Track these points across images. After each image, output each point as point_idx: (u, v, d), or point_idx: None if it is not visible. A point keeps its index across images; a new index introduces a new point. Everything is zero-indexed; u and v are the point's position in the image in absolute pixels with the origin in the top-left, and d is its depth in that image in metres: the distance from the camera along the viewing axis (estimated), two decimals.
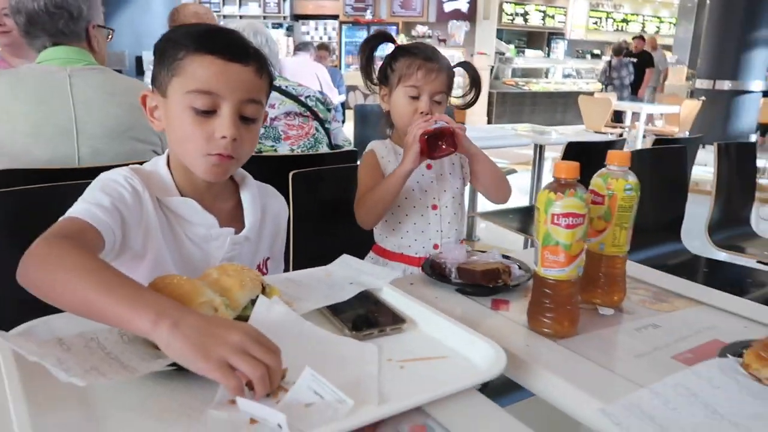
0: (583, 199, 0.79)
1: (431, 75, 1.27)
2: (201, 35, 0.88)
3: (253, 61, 0.89)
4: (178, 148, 0.92)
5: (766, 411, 0.63)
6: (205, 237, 0.93)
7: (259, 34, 2.00)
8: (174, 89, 0.88)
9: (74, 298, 0.65)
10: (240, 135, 0.88)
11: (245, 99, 0.88)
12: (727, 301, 0.95)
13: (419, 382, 0.67)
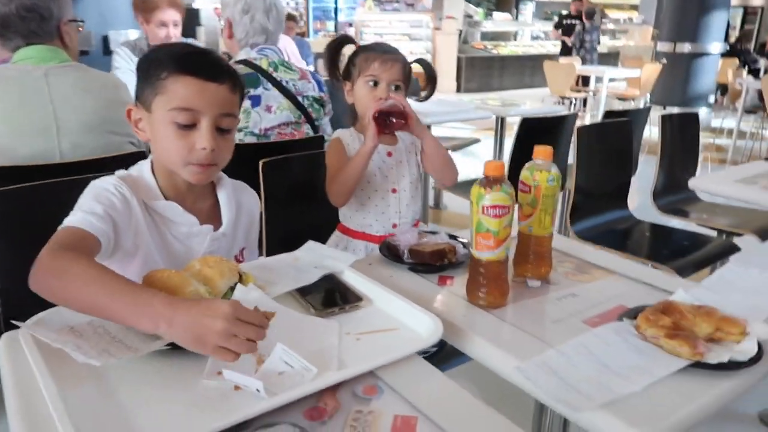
0: (508, 193, 0.94)
1: (387, 64, 1.40)
2: (182, 57, 0.99)
3: (227, 80, 1.01)
4: (163, 158, 1.03)
5: (643, 362, 0.80)
6: (188, 234, 1.05)
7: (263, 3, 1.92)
8: (157, 105, 0.99)
9: (84, 303, 0.78)
10: (218, 145, 0.99)
11: (221, 113, 1.00)
12: (635, 270, 1.12)
13: (372, 350, 0.82)
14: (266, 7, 1.92)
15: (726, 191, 1.85)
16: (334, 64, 1.47)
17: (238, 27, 1.93)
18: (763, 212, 2.42)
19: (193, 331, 0.72)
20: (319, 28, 11.78)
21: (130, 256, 0.99)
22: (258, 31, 1.92)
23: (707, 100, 7.39)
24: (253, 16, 1.91)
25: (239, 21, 1.92)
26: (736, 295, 0.97)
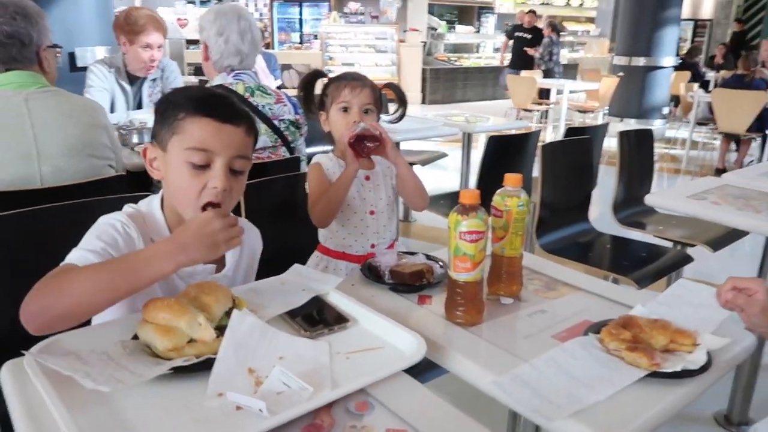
0: (483, 219, 1.02)
1: (357, 90, 1.49)
2: (199, 99, 1.04)
3: (243, 122, 1.05)
4: (174, 196, 1.07)
5: (606, 373, 0.88)
6: (191, 273, 1.09)
7: (242, 20, 1.96)
8: (174, 145, 1.03)
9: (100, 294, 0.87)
10: (230, 186, 1.04)
11: (235, 155, 1.04)
12: (598, 286, 1.22)
13: (361, 369, 0.89)
14: (241, 30, 1.96)
15: (678, 207, 1.98)
16: (309, 97, 1.56)
17: (213, 49, 1.97)
18: (714, 224, 2.57)
19: (204, 243, 0.89)
20: (284, 39, 11.79)
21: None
22: (232, 53, 1.96)
23: (662, 112, 7.70)
24: (228, 38, 1.95)
25: (214, 43, 1.96)
26: (687, 308, 1.07)
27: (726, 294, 0.93)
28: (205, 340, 0.86)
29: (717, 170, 5.70)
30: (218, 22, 1.94)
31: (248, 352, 0.86)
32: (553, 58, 8.61)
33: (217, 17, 1.94)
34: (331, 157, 1.55)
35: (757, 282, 0.92)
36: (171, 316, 0.86)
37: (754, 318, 0.92)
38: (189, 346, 0.86)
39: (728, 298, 0.93)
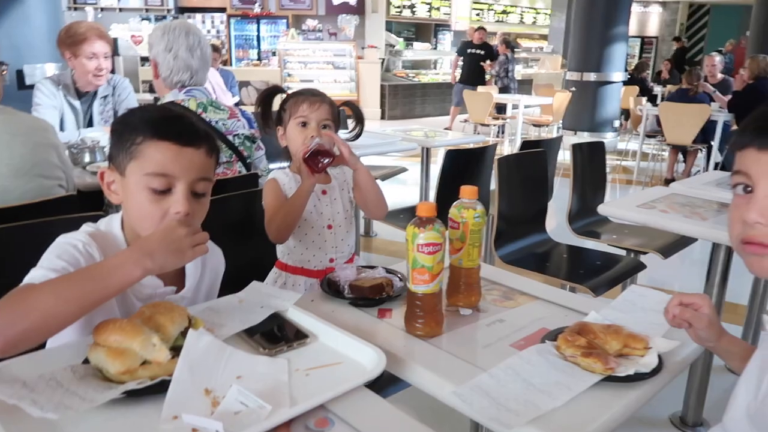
0: (440, 231, 1.03)
1: (315, 105, 1.50)
2: (158, 122, 1.00)
3: (204, 144, 1.03)
4: (135, 222, 1.04)
5: (563, 379, 0.90)
6: (150, 296, 1.06)
7: (191, 35, 1.93)
8: (132, 170, 1.00)
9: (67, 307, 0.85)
10: (193, 209, 1.02)
11: (197, 178, 1.02)
12: (554, 294, 1.25)
13: (321, 385, 0.88)
14: (190, 45, 1.93)
15: (628, 216, 2.04)
16: (266, 113, 1.55)
17: (162, 65, 1.94)
18: (664, 232, 2.66)
19: (170, 249, 0.89)
20: (242, 56, 11.75)
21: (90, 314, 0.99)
22: (182, 68, 1.93)
23: (613, 125, 7.96)
24: (177, 53, 1.92)
25: (163, 60, 1.93)
26: (639, 313, 1.10)
27: (673, 309, 0.95)
28: (160, 361, 0.84)
29: (666, 180, 5.91)
30: (166, 38, 1.92)
31: (205, 373, 0.85)
32: (509, 74, 8.81)
33: (165, 33, 1.91)
34: (287, 172, 1.54)
35: (702, 297, 0.94)
36: (123, 337, 0.84)
37: (701, 332, 0.94)
38: (143, 368, 0.83)
39: (675, 314, 0.94)
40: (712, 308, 0.94)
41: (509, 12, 15.82)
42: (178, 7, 11.98)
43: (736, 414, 0.84)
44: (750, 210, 0.76)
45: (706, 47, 16.02)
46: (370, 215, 1.63)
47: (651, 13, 16.99)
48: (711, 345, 0.96)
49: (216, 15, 12.05)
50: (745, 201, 0.78)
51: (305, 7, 11.77)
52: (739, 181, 0.80)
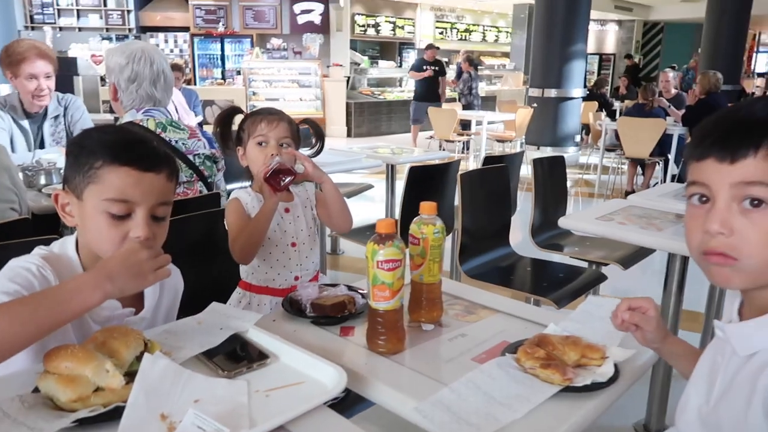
0: (399, 247, 1.04)
1: (273, 124, 1.50)
2: (117, 146, 0.98)
3: (165, 168, 1.02)
4: (93, 244, 1.02)
5: (523, 391, 0.91)
6: (108, 318, 1.04)
7: (155, 64, 1.89)
8: (90, 194, 0.98)
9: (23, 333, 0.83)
10: (153, 233, 1.00)
11: (158, 203, 1.01)
12: (515, 307, 1.26)
13: (281, 405, 0.87)
14: (153, 77, 1.89)
15: (588, 228, 2.09)
16: (226, 134, 1.55)
17: (125, 94, 1.89)
18: (624, 243, 2.73)
19: (132, 272, 0.88)
20: (206, 75, 11.68)
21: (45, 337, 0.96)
22: (145, 99, 1.89)
23: (574, 140, 8.14)
24: (140, 84, 1.88)
25: (125, 88, 1.88)
26: (596, 323, 1.12)
27: (623, 314, 0.97)
28: (114, 387, 0.82)
29: (626, 192, 6.06)
30: (130, 68, 1.86)
31: (161, 397, 0.83)
32: (473, 91, 8.96)
33: (129, 62, 1.86)
34: (249, 192, 1.53)
35: (648, 300, 0.97)
36: (75, 364, 0.81)
37: (649, 334, 0.97)
38: (96, 395, 0.81)
39: (625, 318, 0.96)
40: (657, 311, 0.98)
41: (472, 30, 16.16)
42: (139, 27, 11.87)
43: (689, 417, 0.86)
44: (711, 221, 0.77)
45: (661, 63, 16.60)
46: (335, 228, 1.63)
47: (608, 31, 17.54)
48: (656, 346, 0.99)
49: (179, 34, 11.97)
50: (703, 211, 0.79)
51: (269, 26, 11.80)
52: (696, 191, 0.80)
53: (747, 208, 0.75)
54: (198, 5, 11.65)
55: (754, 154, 0.73)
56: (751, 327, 0.78)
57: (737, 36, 11.05)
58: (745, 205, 0.75)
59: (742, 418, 0.74)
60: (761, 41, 19.70)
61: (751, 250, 0.75)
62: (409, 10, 14.53)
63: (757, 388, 0.73)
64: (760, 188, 0.73)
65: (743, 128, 0.75)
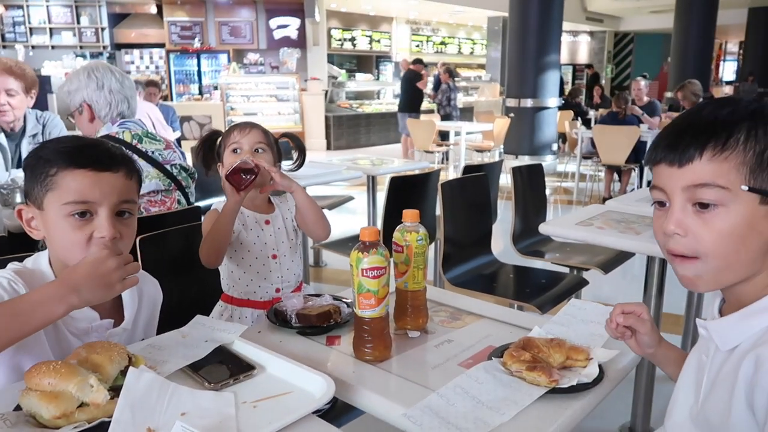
0: (383, 255, 1.04)
1: (246, 130, 1.51)
2: (71, 151, 0.98)
3: (122, 167, 1.01)
4: (62, 254, 1.01)
5: (510, 394, 0.92)
6: (86, 330, 1.03)
7: (114, 70, 1.92)
8: (50, 202, 0.98)
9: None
10: (119, 231, 0.99)
11: (119, 201, 1.00)
12: (499, 313, 1.27)
13: (269, 416, 0.86)
14: (118, 79, 1.94)
15: (568, 234, 2.11)
16: (209, 157, 1.56)
17: (99, 103, 1.90)
18: (604, 248, 2.77)
19: (98, 283, 0.86)
20: (183, 91, 11.62)
21: (21, 352, 0.94)
22: (119, 99, 1.92)
23: (551, 149, 8.25)
24: (110, 87, 1.91)
25: (98, 98, 1.89)
26: (579, 326, 1.13)
27: (617, 318, 0.98)
28: (98, 403, 0.81)
29: (604, 199, 6.15)
30: (94, 78, 1.90)
31: (147, 411, 0.82)
32: (451, 102, 9.03)
33: (90, 74, 1.90)
34: None
35: (640, 305, 0.99)
36: (58, 380, 0.80)
37: (644, 337, 0.98)
38: (80, 410, 0.80)
39: (620, 322, 0.97)
40: (650, 315, 0.99)
41: (447, 43, 16.34)
42: (114, 44, 11.78)
43: (678, 418, 0.87)
44: (667, 222, 0.80)
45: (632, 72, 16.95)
46: (313, 236, 1.62)
47: (580, 42, 17.87)
48: (651, 351, 1.00)
49: (154, 50, 11.90)
50: (663, 213, 0.82)
51: (246, 42, 11.80)
52: (655, 195, 0.84)
53: (699, 210, 0.77)
54: (173, 21, 11.61)
55: (699, 156, 0.76)
56: (731, 321, 0.79)
57: (705, 45, 11.34)
58: (697, 207, 0.77)
59: (728, 411, 0.76)
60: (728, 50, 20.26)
61: (707, 250, 0.77)
62: (385, 24, 14.65)
63: (739, 377, 0.74)
64: (708, 190, 0.76)
65: (690, 132, 0.77)
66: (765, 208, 0.75)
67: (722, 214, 0.76)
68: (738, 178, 0.74)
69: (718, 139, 0.75)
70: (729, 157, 0.74)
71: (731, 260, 0.77)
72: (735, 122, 0.75)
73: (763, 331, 0.76)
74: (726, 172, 0.75)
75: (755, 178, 0.74)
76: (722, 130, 0.75)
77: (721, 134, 0.75)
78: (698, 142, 0.76)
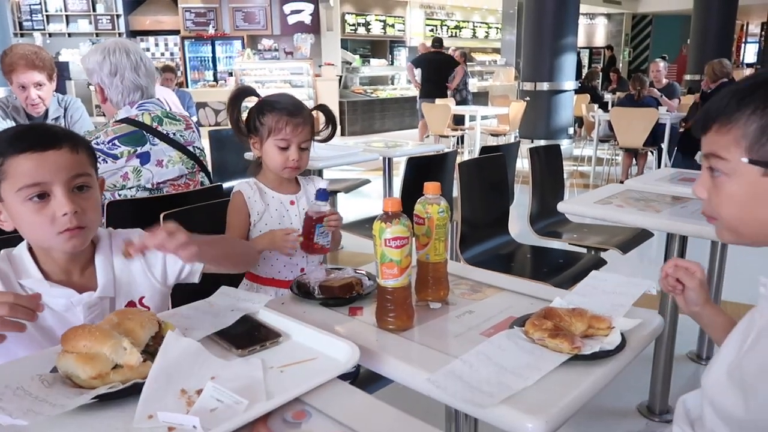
0: (406, 225, 1.05)
1: (298, 129, 1.47)
2: (11, 138, 1.01)
3: (65, 143, 1.03)
4: (32, 238, 1.05)
5: (532, 361, 0.93)
6: (67, 305, 1.05)
7: (131, 53, 1.89)
8: (6, 192, 1.00)
9: None
10: (80, 206, 1.02)
11: (72, 176, 1.02)
12: (519, 285, 1.28)
13: (296, 379, 0.88)
14: (133, 65, 1.89)
15: (587, 212, 2.11)
16: (237, 116, 1.51)
17: (111, 90, 1.88)
18: (623, 228, 2.76)
19: None
20: (197, 78, 11.67)
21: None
22: (131, 89, 1.89)
23: (567, 132, 8.18)
24: (123, 75, 1.88)
25: (110, 84, 1.88)
26: (600, 296, 1.14)
27: (668, 268, 1.04)
28: (132, 365, 0.83)
29: (621, 182, 6.09)
30: (108, 62, 1.86)
31: (180, 374, 0.84)
32: (467, 87, 8.96)
33: (105, 57, 1.86)
34: (251, 183, 1.53)
35: (695, 263, 1.04)
36: (93, 342, 0.82)
37: (691, 293, 1.02)
38: (114, 372, 0.82)
39: (669, 272, 1.03)
40: (703, 273, 1.03)
41: (462, 27, 16.20)
42: (129, 31, 11.84)
43: (716, 373, 0.87)
44: (694, 185, 0.89)
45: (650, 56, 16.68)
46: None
47: (597, 25, 17.61)
48: (697, 310, 1.04)
49: (169, 37, 11.96)
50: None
51: (260, 28, 11.80)
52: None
53: (714, 176, 0.85)
54: (187, 8, 11.64)
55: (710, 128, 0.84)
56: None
57: (725, 27, 11.12)
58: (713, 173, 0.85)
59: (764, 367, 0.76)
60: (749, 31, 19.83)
61: (718, 213, 0.86)
62: (399, 8, 14.55)
63: None
64: (714, 159, 0.84)
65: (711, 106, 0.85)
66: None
67: (727, 182, 0.83)
68: (738, 150, 0.80)
69: (725, 114, 0.81)
70: (731, 130, 0.81)
71: (742, 223, 0.84)
72: (743, 98, 0.80)
73: None
74: (726, 145, 0.81)
75: (756, 151, 0.79)
76: (731, 105, 0.81)
77: (729, 109, 0.81)
78: (710, 116, 0.84)
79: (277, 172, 1.51)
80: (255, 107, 1.52)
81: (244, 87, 1.56)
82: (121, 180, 1.77)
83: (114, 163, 1.76)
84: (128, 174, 1.78)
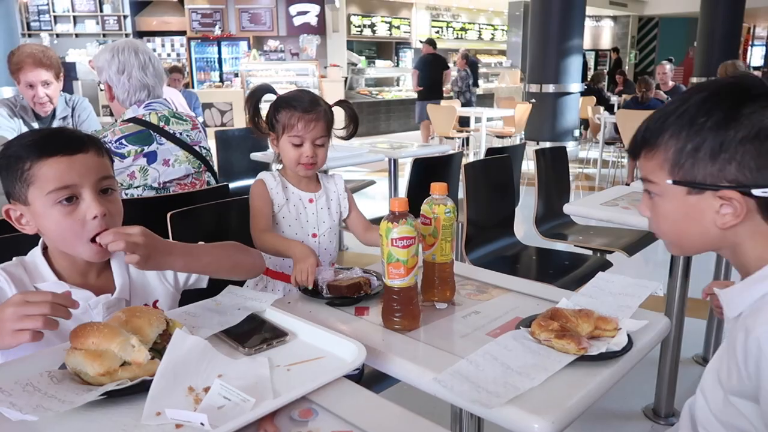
0: (413, 225, 1.05)
1: (311, 125, 1.46)
2: (38, 143, 1.01)
3: (91, 147, 1.04)
4: (59, 243, 1.05)
5: (539, 361, 0.93)
6: (84, 308, 1.05)
7: (140, 53, 1.90)
8: (34, 196, 1.00)
9: None
10: (107, 208, 1.03)
11: (99, 178, 1.03)
12: (526, 286, 1.28)
13: (302, 378, 0.89)
14: (141, 64, 1.91)
15: (593, 213, 2.10)
16: (257, 114, 1.50)
17: (118, 88, 1.90)
18: (629, 230, 2.75)
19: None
20: (203, 78, 11.69)
21: None
22: (138, 88, 1.90)
23: (573, 135, 8.16)
24: (130, 74, 1.89)
25: (117, 82, 1.89)
26: (607, 298, 1.14)
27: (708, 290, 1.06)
28: (140, 362, 0.84)
29: (627, 185, 6.08)
30: (116, 61, 1.88)
31: (188, 372, 0.84)
32: (471, 89, 8.96)
33: (114, 56, 1.88)
34: (275, 175, 1.54)
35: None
36: (102, 339, 0.83)
37: None
38: (122, 369, 0.83)
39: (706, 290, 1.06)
40: None
41: (468, 29, 16.18)
42: (136, 32, 11.89)
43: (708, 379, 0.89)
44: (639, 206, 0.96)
45: (656, 58, 16.63)
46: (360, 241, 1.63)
47: (603, 27, 17.57)
48: None
49: (176, 38, 11.99)
50: None
51: (266, 29, 11.82)
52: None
53: (650, 197, 0.91)
54: (194, 9, 11.67)
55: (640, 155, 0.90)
56: (736, 290, 0.85)
57: (732, 29, 11.07)
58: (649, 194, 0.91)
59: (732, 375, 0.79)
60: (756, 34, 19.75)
61: (660, 229, 0.92)
62: (405, 10, 14.55)
63: (737, 344, 0.78)
64: (646, 182, 0.90)
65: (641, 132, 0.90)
66: (695, 198, 0.83)
67: (660, 203, 0.88)
68: (662, 173, 0.86)
69: (649, 141, 0.87)
70: (656, 155, 0.86)
71: (680, 238, 0.90)
72: (662, 125, 0.85)
73: (755, 300, 0.80)
74: (653, 169, 0.87)
75: (677, 172, 0.84)
76: (654, 131, 0.87)
77: (652, 135, 0.87)
78: (637, 143, 0.90)
79: (291, 169, 1.51)
80: (272, 104, 1.52)
81: (262, 85, 1.56)
82: (128, 179, 1.79)
83: (121, 162, 1.77)
84: (135, 173, 1.79)
